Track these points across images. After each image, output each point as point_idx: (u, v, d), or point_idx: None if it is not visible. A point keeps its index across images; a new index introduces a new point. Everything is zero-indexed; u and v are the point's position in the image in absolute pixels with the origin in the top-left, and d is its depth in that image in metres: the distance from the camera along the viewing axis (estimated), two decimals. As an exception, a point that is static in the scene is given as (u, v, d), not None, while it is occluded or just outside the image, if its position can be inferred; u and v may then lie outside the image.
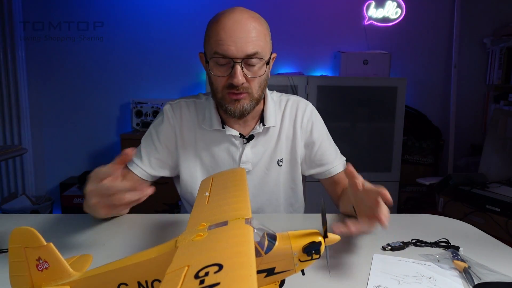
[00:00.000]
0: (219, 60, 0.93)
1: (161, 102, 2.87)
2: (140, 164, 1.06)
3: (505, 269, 0.74)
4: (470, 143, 3.09)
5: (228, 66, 0.93)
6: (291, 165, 1.13)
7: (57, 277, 0.53)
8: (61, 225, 0.97)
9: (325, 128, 1.18)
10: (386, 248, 0.83)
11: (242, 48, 0.91)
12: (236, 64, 0.91)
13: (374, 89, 2.62)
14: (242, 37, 0.91)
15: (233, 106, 0.97)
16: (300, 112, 1.13)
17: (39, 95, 2.94)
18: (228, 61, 0.93)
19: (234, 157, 1.08)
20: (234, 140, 1.08)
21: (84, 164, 3.02)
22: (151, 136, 1.10)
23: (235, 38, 0.90)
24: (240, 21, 0.92)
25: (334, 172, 1.14)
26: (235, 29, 0.91)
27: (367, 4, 2.97)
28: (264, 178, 1.11)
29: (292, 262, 0.51)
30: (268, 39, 0.98)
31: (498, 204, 1.95)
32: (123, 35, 2.91)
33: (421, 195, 2.84)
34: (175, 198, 2.54)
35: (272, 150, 1.11)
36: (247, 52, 0.91)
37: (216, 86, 0.98)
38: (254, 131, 1.07)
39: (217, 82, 0.97)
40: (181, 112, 1.09)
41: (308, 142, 1.13)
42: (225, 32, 0.91)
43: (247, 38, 0.91)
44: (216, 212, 0.58)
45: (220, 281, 0.34)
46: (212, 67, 0.95)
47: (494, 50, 2.91)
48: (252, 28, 0.93)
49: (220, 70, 0.95)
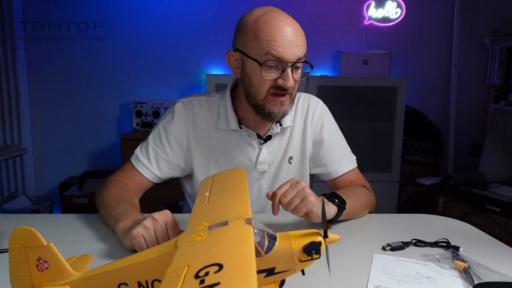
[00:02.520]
0: (271, 63, 0.92)
1: (161, 102, 2.87)
2: (148, 166, 1.05)
3: (505, 269, 0.74)
4: (470, 143, 3.08)
5: (278, 68, 0.93)
6: (300, 163, 1.13)
7: (57, 277, 0.53)
8: (61, 225, 0.97)
9: (335, 126, 1.18)
10: (386, 248, 0.83)
11: (295, 52, 0.92)
12: (288, 67, 0.92)
13: (374, 89, 2.62)
14: (295, 41, 0.92)
15: (277, 108, 0.96)
16: (311, 109, 1.13)
17: (39, 95, 2.94)
18: (278, 63, 0.92)
19: (251, 158, 1.07)
20: (251, 141, 1.06)
21: (84, 164, 3.02)
22: (160, 136, 1.06)
23: (289, 42, 0.91)
24: (290, 23, 0.93)
25: (337, 174, 1.14)
26: (289, 32, 0.92)
27: (367, 4, 2.97)
28: (276, 177, 1.11)
29: (292, 262, 0.51)
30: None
31: (498, 204, 1.95)
32: (123, 35, 2.91)
33: (421, 195, 2.84)
34: (175, 198, 2.54)
35: (284, 148, 1.11)
36: (299, 56, 0.93)
37: (260, 88, 0.95)
38: (272, 131, 1.06)
39: (264, 84, 0.95)
40: (193, 111, 1.07)
41: (316, 140, 1.13)
42: (280, 35, 0.91)
43: (298, 42, 0.93)
44: (216, 212, 0.58)
45: (220, 281, 0.34)
46: (263, 70, 0.93)
47: (494, 50, 2.90)
48: (300, 32, 0.95)
49: (269, 72, 0.93)
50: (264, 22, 0.92)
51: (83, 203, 2.61)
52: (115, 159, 2.96)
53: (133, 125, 2.81)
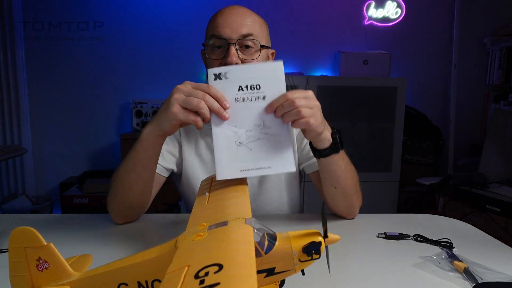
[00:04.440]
0: (215, 42, 0.95)
1: (161, 102, 2.87)
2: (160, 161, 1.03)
3: (505, 269, 0.73)
4: (470, 143, 3.09)
5: (223, 49, 0.95)
6: None
7: (57, 277, 0.53)
8: (61, 225, 0.97)
9: None
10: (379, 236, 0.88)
11: (237, 29, 0.94)
12: (231, 45, 0.94)
13: (374, 89, 2.62)
14: (237, 21, 0.95)
15: None
16: None
17: (39, 95, 2.94)
18: (223, 44, 0.95)
19: None
20: None
21: (84, 164, 3.02)
22: None
23: (230, 21, 0.95)
24: (237, 9, 0.98)
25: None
26: (231, 14, 0.96)
27: (367, 4, 2.97)
28: (262, 177, 1.09)
29: (292, 262, 0.51)
30: (264, 30, 1.01)
31: (498, 204, 1.95)
32: (123, 35, 2.91)
33: (421, 195, 2.84)
34: (175, 198, 2.54)
35: None
36: (241, 32, 0.94)
37: None
38: None
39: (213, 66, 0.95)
40: None
41: (299, 133, 1.10)
42: (222, 17, 0.96)
43: (242, 22, 0.95)
44: (216, 212, 0.58)
45: (220, 281, 0.34)
46: (208, 51, 0.97)
47: (494, 50, 2.90)
48: (248, 15, 0.97)
49: (215, 53, 0.96)
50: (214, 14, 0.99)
51: (83, 203, 2.61)
52: (115, 159, 2.96)
53: (133, 125, 2.81)
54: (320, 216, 0.54)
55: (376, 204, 2.44)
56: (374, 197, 2.52)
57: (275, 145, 0.74)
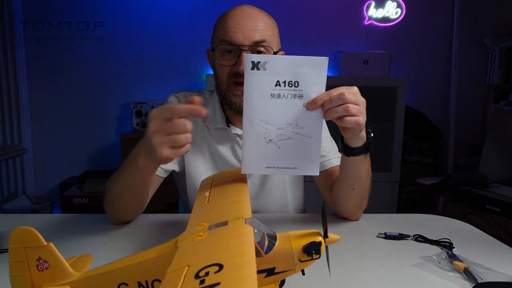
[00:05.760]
0: (226, 47, 0.92)
1: (161, 102, 2.87)
2: None
3: (505, 269, 0.73)
4: (470, 143, 3.08)
5: (234, 54, 0.92)
6: None
7: (57, 277, 0.53)
8: (61, 225, 0.97)
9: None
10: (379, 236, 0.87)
11: (250, 36, 0.91)
12: (243, 51, 0.90)
13: (374, 89, 2.62)
14: (249, 25, 0.91)
15: (238, 99, 0.94)
16: None
17: (39, 95, 2.94)
18: (234, 50, 0.92)
19: (239, 157, 1.05)
20: (239, 140, 1.05)
21: (84, 164, 3.02)
22: None
23: (242, 26, 0.90)
24: (248, 11, 0.93)
25: (327, 165, 1.07)
26: (243, 17, 0.91)
27: (367, 4, 2.97)
28: (264, 177, 1.09)
29: (292, 262, 0.51)
30: (275, 33, 0.99)
31: (498, 204, 1.95)
32: (123, 35, 2.91)
33: (421, 195, 2.84)
34: (175, 198, 2.53)
35: None
36: (254, 39, 0.91)
37: (221, 77, 0.95)
38: None
39: (222, 72, 0.94)
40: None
41: None
42: (233, 20, 0.91)
43: (255, 27, 0.91)
44: (216, 212, 0.58)
45: (221, 281, 0.34)
46: (218, 56, 0.94)
47: (494, 50, 2.90)
48: (260, 18, 0.93)
49: (226, 58, 0.93)
50: (222, 14, 0.94)
51: (83, 203, 2.61)
52: (115, 159, 2.96)
53: (133, 125, 2.81)
54: (320, 216, 0.54)
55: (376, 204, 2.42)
56: (374, 197, 2.49)
57: (304, 146, 0.73)
